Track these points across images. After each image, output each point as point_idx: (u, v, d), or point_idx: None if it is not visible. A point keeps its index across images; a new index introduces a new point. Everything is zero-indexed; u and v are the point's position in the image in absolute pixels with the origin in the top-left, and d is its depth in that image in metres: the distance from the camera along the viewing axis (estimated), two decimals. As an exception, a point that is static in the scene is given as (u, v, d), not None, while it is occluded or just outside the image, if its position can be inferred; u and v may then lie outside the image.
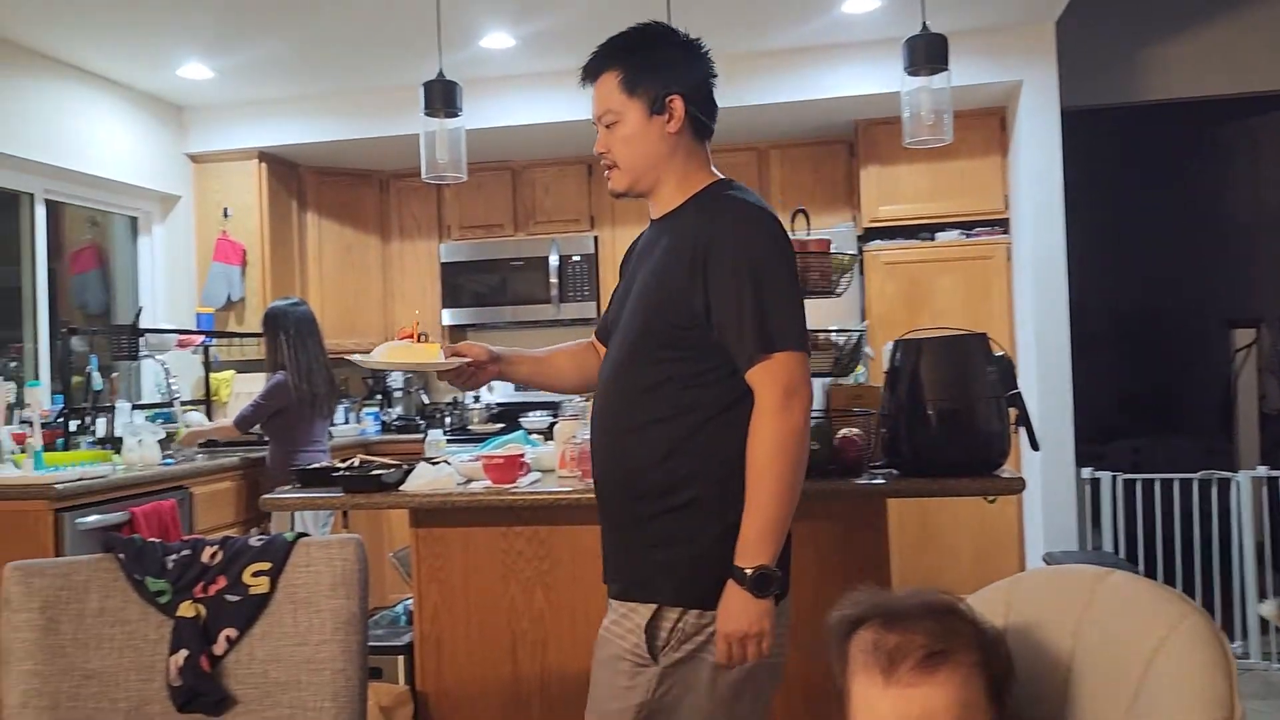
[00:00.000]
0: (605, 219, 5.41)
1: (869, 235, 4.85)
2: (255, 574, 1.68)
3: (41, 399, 3.78)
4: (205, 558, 1.69)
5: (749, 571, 1.56)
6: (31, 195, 4.34)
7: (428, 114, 3.28)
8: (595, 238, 5.39)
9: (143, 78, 4.62)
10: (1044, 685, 1.15)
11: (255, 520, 4.10)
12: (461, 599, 2.83)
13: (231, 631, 1.64)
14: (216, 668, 1.61)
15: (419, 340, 1.90)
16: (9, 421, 3.70)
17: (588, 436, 2.78)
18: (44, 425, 3.69)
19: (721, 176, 1.77)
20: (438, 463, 2.90)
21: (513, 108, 4.77)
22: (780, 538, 1.59)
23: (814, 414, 2.70)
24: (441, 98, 3.27)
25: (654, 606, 1.62)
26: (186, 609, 1.64)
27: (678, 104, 1.70)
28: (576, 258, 5.34)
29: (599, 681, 1.68)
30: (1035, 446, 2.62)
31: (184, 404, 4.54)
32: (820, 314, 2.70)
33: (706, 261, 1.62)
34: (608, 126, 1.73)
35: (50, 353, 4.38)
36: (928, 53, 2.96)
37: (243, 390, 4.85)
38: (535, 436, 3.59)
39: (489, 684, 2.83)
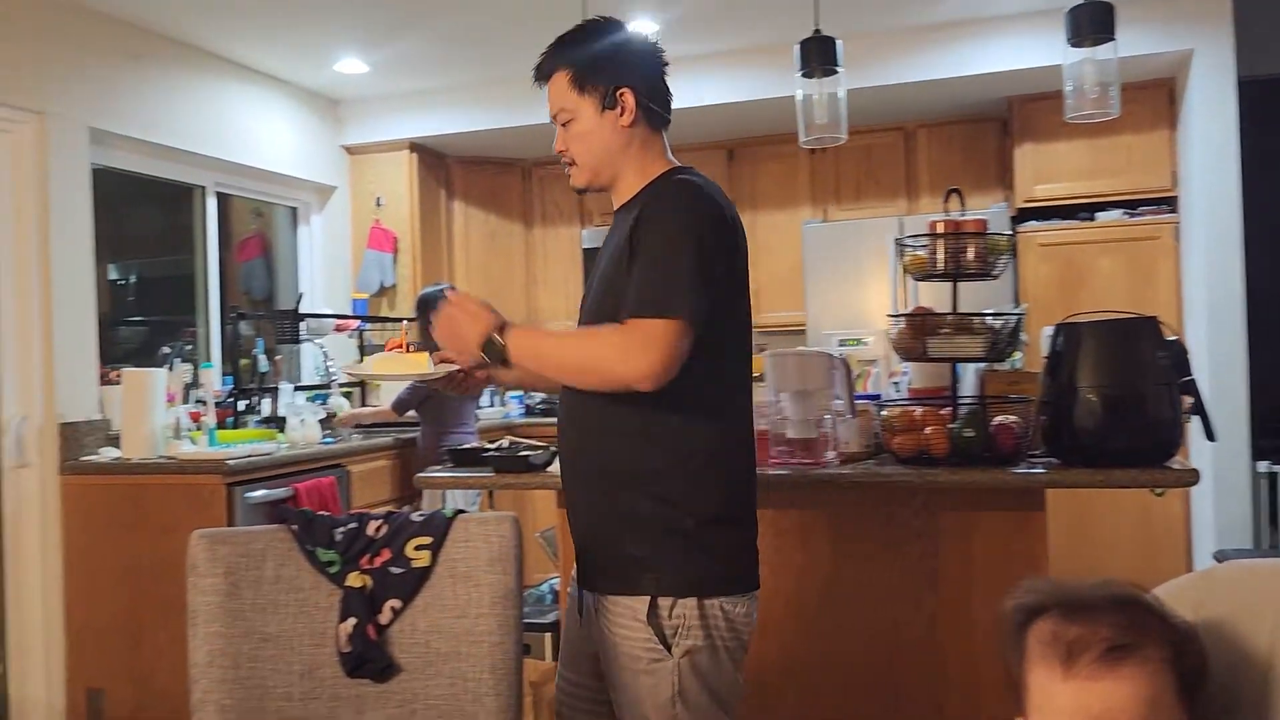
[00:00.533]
0: (745, 204, 5.37)
1: (1022, 216, 4.66)
2: (417, 548, 1.73)
3: (213, 380, 4.01)
4: (371, 531, 1.75)
5: (504, 330, 1.65)
6: (204, 188, 4.61)
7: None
8: (736, 222, 5.36)
9: (303, 74, 4.83)
10: (1240, 688, 1.08)
11: (408, 498, 4.26)
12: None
13: (396, 602, 1.70)
14: (382, 636, 1.68)
15: (408, 350, 1.89)
16: (185, 401, 3.94)
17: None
18: (216, 404, 3.92)
19: (677, 164, 1.81)
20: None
21: (654, 93, 4.78)
22: (533, 355, 1.67)
23: (967, 400, 2.63)
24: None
25: (647, 599, 1.62)
26: (354, 579, 1.70)
27: (629, 97, 1.74)
28: (717, 242, 5.32)
29: (625, 686, 1.64)
30: (1211, 437, 2.47)
31: (341, 386, 4.74)
32: (972, 298, 2.62)
33: (638, 239, 1.66)
34: (563, 125, 1.78)
35: (220, 336, 4.64)
36: (1092, 22, 2.82)
37: (395, 373, 5.02)
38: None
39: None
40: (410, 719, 1.66)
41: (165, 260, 4.96)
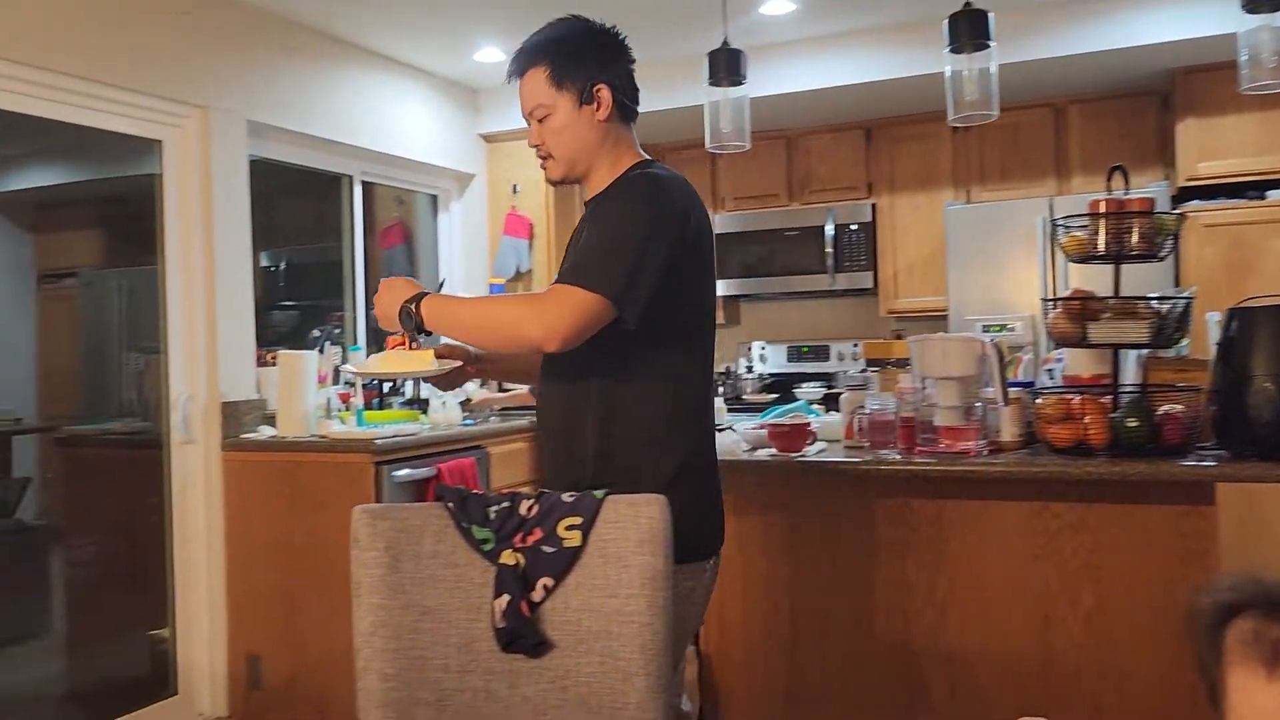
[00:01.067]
0: (883, 186, 5.26)
1: (1184, 195, 4.41)
2: (568, 528, 1.75)
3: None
4: (523, 510, 1.78)
5: (420, 298, 1.75)
6: (350, 177, 4.77)
7: (712, 84, 3.29)
8: (873, 205, 5.25)
9: (444, 64, 4.95)
10: None
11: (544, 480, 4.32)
12: (740, 562, 2.86)
13: (548, 580, 1.72)
14: (535, 613, 1.70)
15: (410, 348, 1.88)
16: (335, 382, 4.09)
17: (877, 406, 2.72)
18: (362, 387, 4.06)
19: (646, 157, 1.87)
20: (722, 429, 2.93)
21: (790, 74, 4.71)
22: (445, 322, 1.74)
23: (1129, 388, 2.50)
24: (726, 66, 3.27)
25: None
26: (508, 557, 1.73)
27: (605, 93, 1.80)
28: (853, 226, 5.22)
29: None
30: (1407, 429, 2.28)
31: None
32: (1129, 281, 2.49)
33: (591, 223, 1.77)
34: (540, 120, 1.83)
35: (365, 321, 4.80)
36: (1272, -14, 2.64)
37: (531, 357, 5.12)
38: (816, 406, 3.55)
39: (769, 650, 2.84)
40: (562, 694, 1.68)
41: (312, 248, 5.17)
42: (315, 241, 5.15)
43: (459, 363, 1.96)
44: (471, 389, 4.63)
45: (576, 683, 1.68)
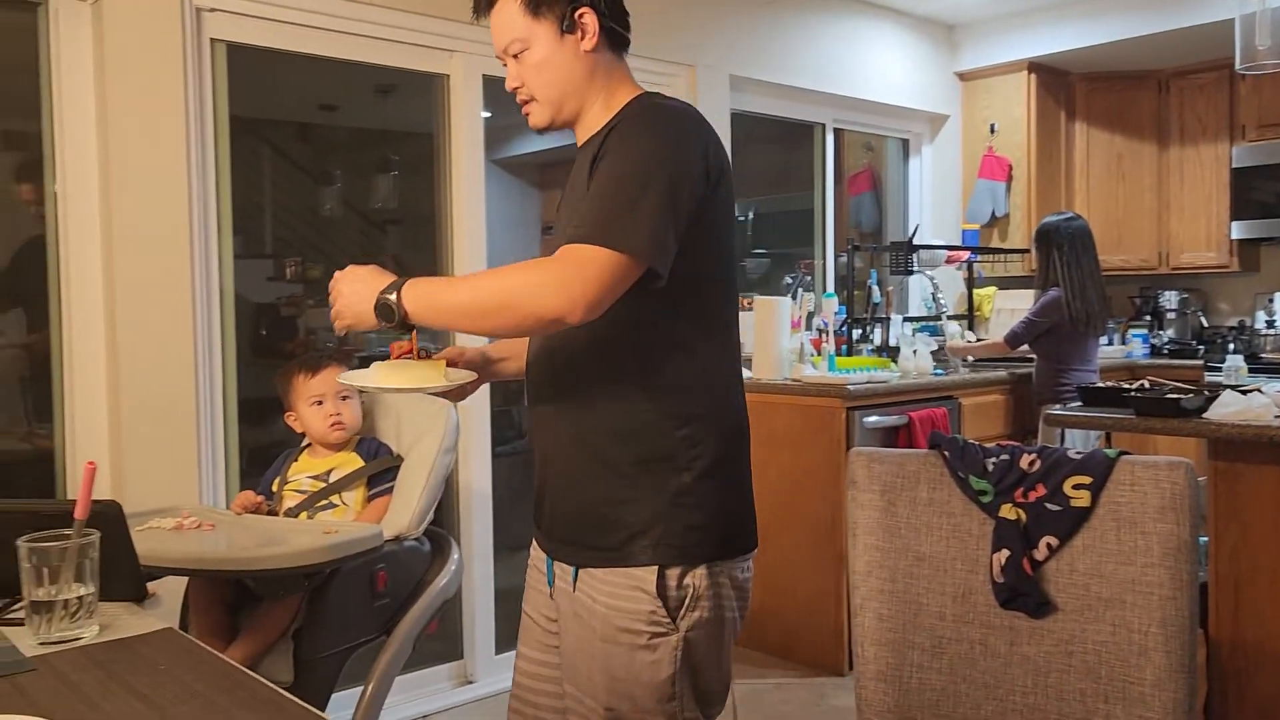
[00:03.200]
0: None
1: None
2: (1075, 486, 1.64)
3: (832, 309, 4.22)
4: (1023, 464, 1.70)
5: (397, 286, 1.39)
6: (823, 125, 4.82)
7: (1244, -8, 2.86)
8: None
9: (918, 2, 4.80)
10: None
11: (1018, 435, 4.12)
12: (1265, 542, 2.50)
13: (1052, 539, 1.63)
14: (1037, 572, 1.62)
15: (420, 357, 1.53)
16: (806, 328, 4.19)
17: None
18: (834, 332, 4.12)
19: (644, 90, 1.58)
20: (1248, 392, 2.58)
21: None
22: (435, 309, 1.39)
23: None
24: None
25: (655, 568, 1.44)
26: (1008, 511, 1.67)
27: (589, 18, 1.51)
28: None
29: (611, 666, 1.46)
30: None
31: (948, 318, 4.71)
32: None
33: (599, 166, 1.42)
34: (515, 57, 1.54)
35: (833, 268, 4.86)
36: None
37: (1004, 306, 4.87)
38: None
39: (1301, 646, 2.47)
40: (1067, 659, 1.59)
41: (776, 197, 5.31)
42: (780, 191, 5.29)
43: (474, 375, 1.64)
44: (953, 330, 4.51)
45: (1084, 649, 1.58)
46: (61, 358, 2.73)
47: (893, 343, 4.34)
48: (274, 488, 2.43)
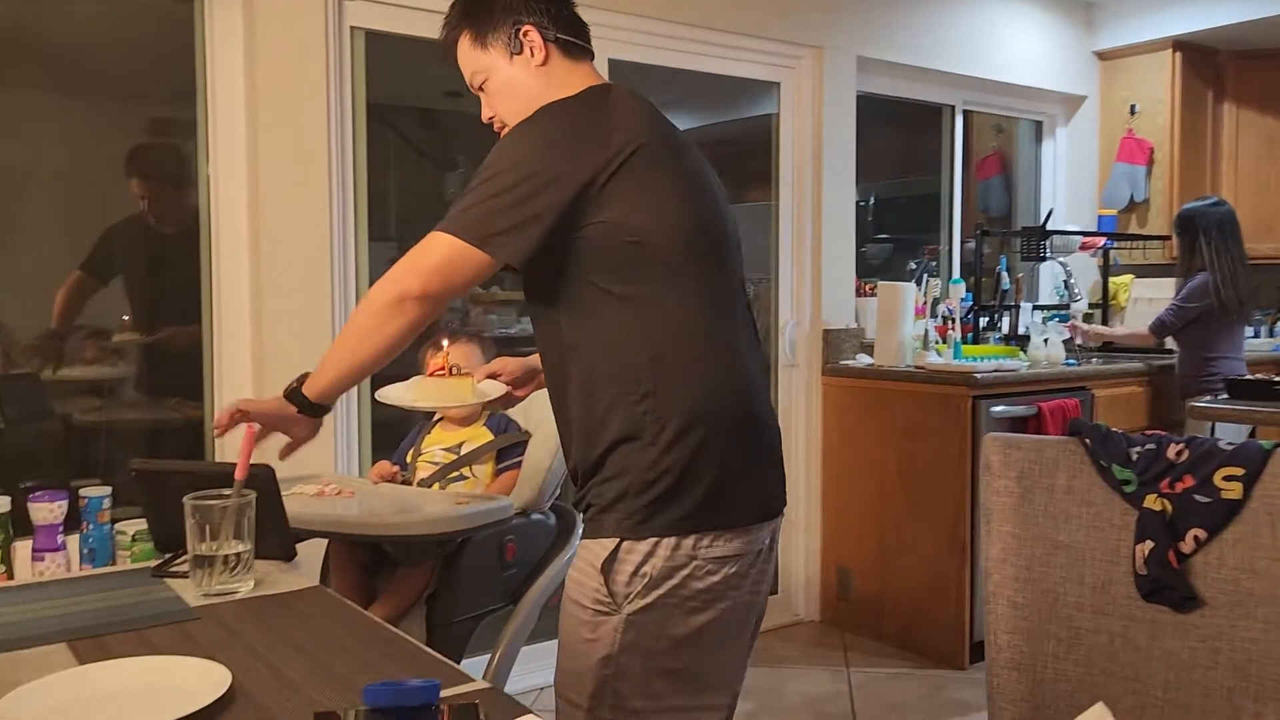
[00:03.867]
0: None
1: None
2: (1226, 478, 1.57)
3: (956, 296, 4.12)
4: (1170, 454, 1.63)
5: (294, 385, 1.56)
6: (952, 107, 4.70)
7: None
8: None
9: (1057, -22, 4.63)
10: None
11: (1154, 428, 3.95)
12: None
13: (1199, 532, 1.56)
14: (1183, 565, 1.56)
15: (452, 374, 1.63)
16: (932, 315, 4.11)
17: None
18: (960, 320, 4.03)
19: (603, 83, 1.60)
20: None
21: None
22: (332, 381, 1.53)
23: None
24: None
25: (614, 541, 1.44)
26: (1152, 502, 1.61)
27: (532, 35, 1.57)
28: None
29: (562, 631, 1.50)
30: None
31: (1082, 307, 4.55)
32: None
33: None
34: (481, 89, 1.63)
35: (959, 253, 4.74)
36: None
37: (1141, 295, 4.68)
38: None
39: None
40: (1213, 656, 1.53)
41: (899, 182, 5.20)
42: (903, 175, 5.17)
43: (503, 389, 1.74)
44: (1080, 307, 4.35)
45: (1232, 647, 1.52)
46: (212, 334, 2.88)
47: (1021, 331, 4.22)
48: (409, 459, 2.51)
